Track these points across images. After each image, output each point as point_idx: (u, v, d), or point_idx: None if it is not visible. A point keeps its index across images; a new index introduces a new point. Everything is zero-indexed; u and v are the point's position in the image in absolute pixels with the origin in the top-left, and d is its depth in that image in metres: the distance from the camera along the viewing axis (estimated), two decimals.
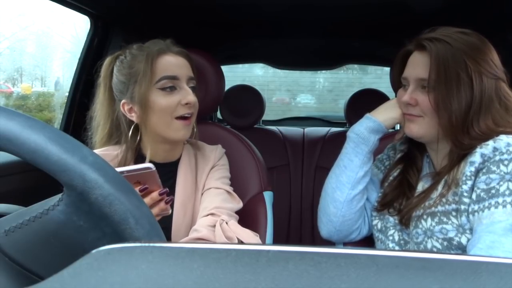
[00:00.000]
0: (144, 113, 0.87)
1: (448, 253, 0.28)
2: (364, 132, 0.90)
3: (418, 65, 0.82)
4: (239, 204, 0.95)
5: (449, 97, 0.77)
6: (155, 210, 0.75)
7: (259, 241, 0.89)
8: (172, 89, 0.88)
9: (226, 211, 0.89)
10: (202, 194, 0.96)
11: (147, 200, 0.74)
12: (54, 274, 0.25)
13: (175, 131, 0.89)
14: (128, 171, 0.72)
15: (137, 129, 0.92)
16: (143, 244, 0.26)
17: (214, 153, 1.00)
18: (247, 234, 0.85)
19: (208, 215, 0.88)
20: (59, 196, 0.38)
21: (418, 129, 0.84)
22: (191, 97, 0.88)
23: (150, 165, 0.73)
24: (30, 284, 0.26)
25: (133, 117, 0.90)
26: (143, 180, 0.74)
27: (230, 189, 0.96)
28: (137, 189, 0.73)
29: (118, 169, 0.72)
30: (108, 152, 0.94)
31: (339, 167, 0.93)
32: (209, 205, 0.90)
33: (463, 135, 0.77)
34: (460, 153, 0.79)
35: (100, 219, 0.36)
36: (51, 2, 1.16)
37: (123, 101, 0.89)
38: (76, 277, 0.24)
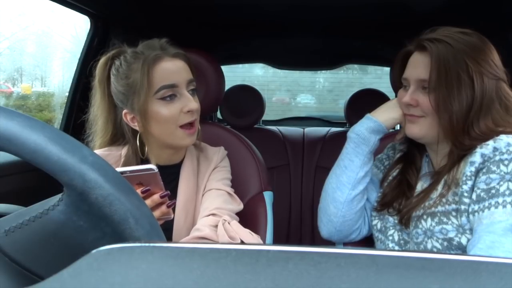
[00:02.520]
0: (147, 123, 0.86)
1: (448, 253, 0.28)
2: (364, 132, 0.90)
3: (418, 66, 0.82)
4: (239, 206, 0.95)
5: (450, 98, 0.77)
6: (156, 213, 0.74)
7: (261, 242, 0.89)
8: (173, 97, 0.86)
9: (227, 212, 0.89)
10: (203, 195, 0.95)
11: (148, 202, 0.73)
12: (54, 274, 0.25)
13: (180, 140, 0.88)
14: (131, 171, 0.72)
15: (142, 137, 0.92)
16: (143, 244, 0.26)
17: (217, 155, 1.00)
18: (249, 236, 0.85)
19: (209, 215, 0.88)
20: (59, 196, 0.38)
21: (419, 130, 0.83)
22: (192, 105, 0.86)
23: (153, 166, 0.72)
24: (30, 284, 0.26)
25: (137, 126, 0.89)
26: (145, 181, 0.73)
27: (231, 190, 0.96)
28: (138, 190, 0.73)
29: (121, 169, 0.72)
30: (111, 153, 0.93)
31: (340, 167, 0.93)
32: (210, 206, 0.90)
33: (464, 136, 0.77)
34: (460, 153, 0.79)
35: (100, 219, 0.36)
36: (51, 2, 1.16)
37: (125, 111, 0.88)
38: (76, 277, 0.24)
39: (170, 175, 0.94)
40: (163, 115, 0.85)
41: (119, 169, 0.72)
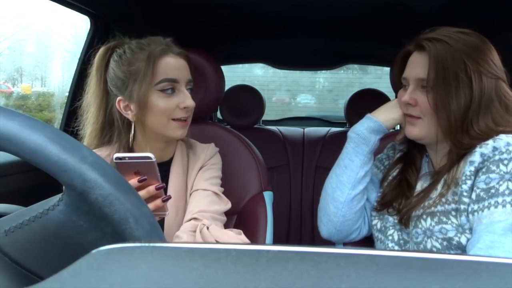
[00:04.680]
0: (141, 112, 0.87)
1: (448, 253, 0.28)
2: (364, 132, 0.90)
3: (417, 65, 0.82)
4: (226, 206, 0.94)
5: (448, 97, 0.77)
6: (150, 206, 0.74)
7: (244, 240, 0.88)
8: (172, 91, 0.87)
9: (210, 215, 0.88)
10: (190, 194, 0.95)
11: (143, 192, 0.73)
12: (54, 274, 0.25)
13: (173, 131, 0.89)
14: (129, 157, 0.72)
15: (131, 126, 0.92)
16: (143, 244, 0.26)
17: (205, 153, 0.99)
18: (229, 237, 0.84)
19: (191, 219, 0.87)
20: (59, 196, 0.38)
21: (419, 131, 0.84)
22: (189, 102, 0.88)
23: (151, 155, 0.72)
24: (30, 284, 0.26)
25: (129, 115, 0.89)
26: (143, 170, 0.73)
27: (218, 190, 0.95)
28: (136, 179, 0.73)
29: (120, 155, 0.72)
30: (100, 153, 0.93)
31: (340, 167, 0.93)
32: (194, 209, 0.89)
33: (463, 135, 0.77)
34: (460, 153, 0.79)
35: (100, 219, 0.36)
36: (51, 2, 1.16)
37: (119, 98, 0.89)
38: (76, 277, 0.24)
39: (160, 173, 0.94)
40: (160, 107, 0.86)
41: (118, 155, 0.72)
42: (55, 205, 0.37)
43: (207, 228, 0.83)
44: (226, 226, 0.94)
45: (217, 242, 0.81)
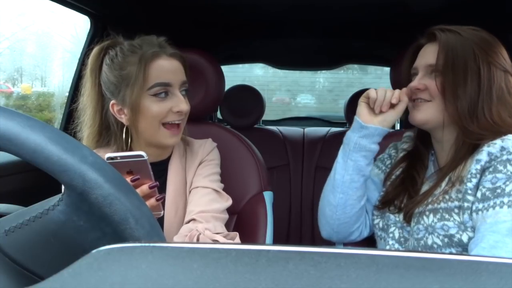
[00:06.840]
0: (134, 117, 0.85)
1: (448, 253, 0.28)
2: (361, 141, 0.89)
3: (428, 54, 0.84)
4: (227, 202, 0.93)
5: (456, 84, 0.78)
6: None
7: (237, 241, 0.86)
8: (165, 95, 0.86)
9: (211, 215, 0.87)
10: (190, 191, 0.94)
11: None
12: (54, 274, 0.25)
13: (164, 138, 0.88)
14: (121, 157, 0.71)
15: (128, 130, 0.91)
16: (143, 244, 0.26)
17: (202, 148, 0.98)
18: (222, 241, 0.83)
19: (190, 221, 0.87)
20: (59, 196, 0.38)
21: (424, 114, 0.83)
22: (183, 106, 0.87)
23: (143, 153, 0.72)
24: (30, 284, 0.26)
25: (123, 119, 0.88)
26: (135, 170, 0.73)
27: (218, 186, 0.94)
28: (128, 179, 0.72)
29: (112, 154, 0.71)
30: (99, 154, 0.92)
31: (334, 171, 0.93)
32: (194, 209, 0.89)
33: (471, 122, 0.77)
34: (466, 142, 0.79)
35: (100, 219, 0.36)
36: (51, 2, 1.16)
37: (112, 101, 0.88)
38: (76, 277, 0.24)
39: (158, 172, 0.93)
40: (153, 111, 0.85)
41: (110, 154, 0.71)
42: (55, 205, 0.37)
43: (199, 236, 0.82)
44: (226, 226, 0.93)
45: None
